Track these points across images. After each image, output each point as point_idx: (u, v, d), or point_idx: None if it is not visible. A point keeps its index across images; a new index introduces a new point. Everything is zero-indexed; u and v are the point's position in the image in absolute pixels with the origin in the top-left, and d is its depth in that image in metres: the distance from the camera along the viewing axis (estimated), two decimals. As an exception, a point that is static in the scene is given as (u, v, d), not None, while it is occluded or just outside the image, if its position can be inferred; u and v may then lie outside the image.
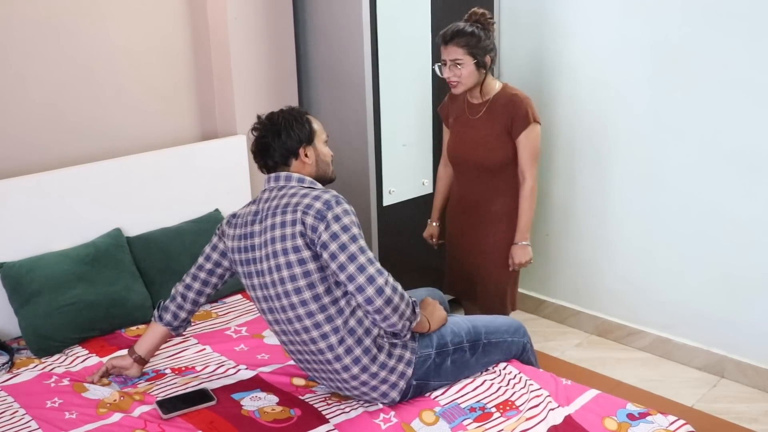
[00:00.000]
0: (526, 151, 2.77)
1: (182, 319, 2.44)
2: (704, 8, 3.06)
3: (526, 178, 2.79)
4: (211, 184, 3.22)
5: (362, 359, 2.14)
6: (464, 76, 2.72)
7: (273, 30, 3.33)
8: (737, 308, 3.23)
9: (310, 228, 2.07)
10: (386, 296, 2.05)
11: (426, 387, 2.26)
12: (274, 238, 2.12)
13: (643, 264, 3.50)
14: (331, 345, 2.14)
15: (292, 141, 2.21)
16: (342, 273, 2.05)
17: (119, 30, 3.02)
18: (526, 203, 2.81)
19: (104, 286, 2.71)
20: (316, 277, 2.10)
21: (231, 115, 3.30)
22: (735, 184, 3.13)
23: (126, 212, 2.95)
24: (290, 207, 2.12)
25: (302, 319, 2.13)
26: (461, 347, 2.31)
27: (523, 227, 2.83)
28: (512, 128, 2.75)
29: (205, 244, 2.94)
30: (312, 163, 2.26)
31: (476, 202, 2.89)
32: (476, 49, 2.69)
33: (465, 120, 2.86)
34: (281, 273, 2.11)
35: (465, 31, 2.69)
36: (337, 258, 2.05)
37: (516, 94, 2.79)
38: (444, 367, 2.27)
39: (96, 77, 2.99)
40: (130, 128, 3.11)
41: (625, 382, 3.26)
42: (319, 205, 2.08)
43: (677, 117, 3.23)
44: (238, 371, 2.44)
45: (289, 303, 2.13)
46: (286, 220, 2.11)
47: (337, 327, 2.13)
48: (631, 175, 3.45)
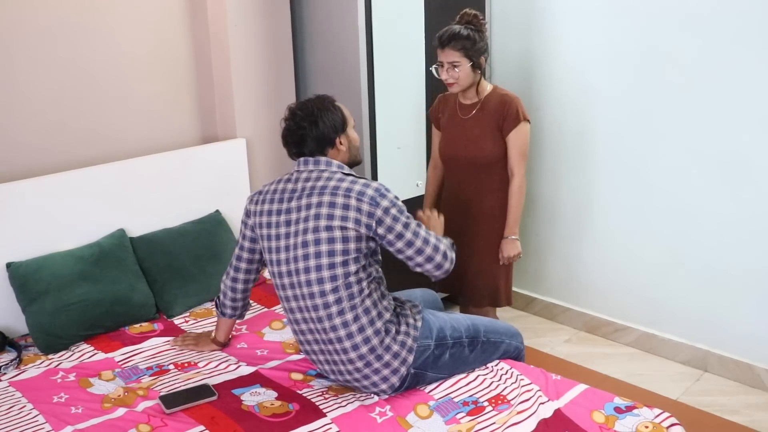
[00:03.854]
0: (516, 149, 2.82)
1: (241, 307, 2.57)
2: (688, 15, 3.08)
3: (515, 175, 2.84)
4: (211, 186, 3.22)
5: (372, 340, 2.19)
6: (461, 77, 2.78)
7: (272, 37, 3.34)
8: (720, 305, 3.25)
9: (367, 214, 2.15)
10: (449, 257, 2.29)
11: (423, 378, 2.29)
12: (319, 215, 2.16)
13: (630, 262, 3.51)
14: (346, 321, 2.18)
15: (328, 129, 2.25)
16: (410, 248, 2.21)
17: (123, 36, 3.02)
18: (514, 199, 2.85)
19: (109, 285, 2.72)
20: (352, 257, 2.17)
21: (231, 119, 3.31)
22: (717, 184, 3.15)
23: (129, 213, 2.96)
24: (341, 191, 2.17)
25: (326, 294, 2.17)
26: (460, 342, 2.35)
27: (512, 222, 2.87)
28: (503, 126, 2.81)
29: (207, 244, 3.02)
30: (346, 150, 2.31)
31: (468, 200, 2.92)
32: (472, 51, 2.75)
33: (457, 120, 2.90)
34: (319, 247, 2.16)
35: (461, 35, 2.74)
36: (404, 236, 2.19)
37: (506, 93, 2.84)
38: (442, 359, 2.31)
39: (100, 83, 2.99)
40: (133, 132, 3.12)
41: (612, 376, 3.28)
42: (372, 192, 2.17)
43: (662, 119, 3.25)
44: (238, 367, 2.45)
45: (317, 277, 2.17)
46: (336, 202, 2.16)
47: (355, 305, 2.18)
48: (618, 176, 3.46)
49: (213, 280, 2.98)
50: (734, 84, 3.03)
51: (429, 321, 2.33)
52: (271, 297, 3.03)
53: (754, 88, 2.99)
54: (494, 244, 2.92)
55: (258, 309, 2.95)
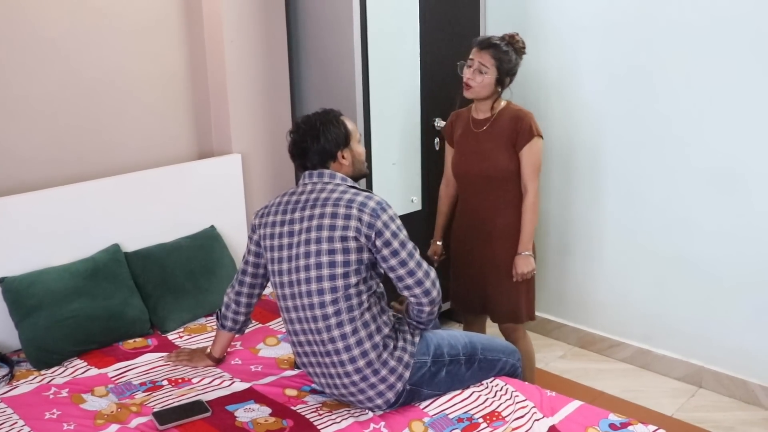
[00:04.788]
0: (529, 164, 2.79)
1: (242, 322, 2.56)
2: (678, 32, 3.12)
3: (528, 190, 2.80)
4: (207, 201, 3.21)
5: (370, 354, 2.19)
6: (483, 84, 2.76)
7: (267, 53, 3.34)
8: (714, 321, 3.25)
9: (367, 225, 2.16)
10: (437, 288, 2.26)
11: (418, 395, 2.29)
12: (321, 226, 2.18)
13: (624, 278, 3.52)
14: (345, 334, 2.18)
15: (329, 144, 2.27)
16: (402, 268, 2.20)
17: (119, 51, 3.02)
18: (528, 214, 2.82)
19: (103, 300, 2.70)
20: (352, 269, 2.18)
21: (227, 135, 3.31)
22: (711, 201, 3.16)
23: (124, 228, 2.94)
24: (343, 202, 2.19)
25: (325, 306, 2.18)
26: (457, 359, 2.34)
27: (526, 238, 2.82)
28: (516, 141, 2.78)
29: (201, 259, 3.01)
30: (349, 164, 2.33)
31: (483, 217, 2.88)
32: (504, 66, 2.74)
33: (470, 134, 2.88)
34: (320, 258, 2.17)
35: (501, 48, 2.74)
36: (399, 254, 2.19)
37: (520, 109, 2.83)
38: (439, 376, 2.30)
39: (96, 97, 2.99)
40: (128, 146, 3.11)
41: (607, 392, 3.28)
42: (373, 205, 2.19)
43: (656, 136, 3.27)
44: (232, 383, 2.44)
45: (317, 288, 2.18)
46: (338, 213, 2.18)
47: (354, 317, 2.18)
48: (612, 192, 3.48)
49: (207, 295, 2.99)
50: (727, 97, 3.05)
51: (427, 337, 2.33)
52: (265, 313, 3.03)
53: (747, 100, 3.01)
54: (511, 260, 2.87)
55: (253, 325, 2.94)
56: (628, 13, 3.28)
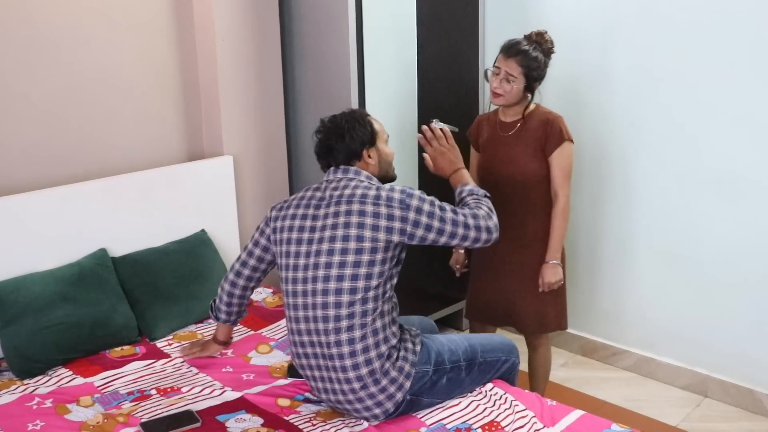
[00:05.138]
0: (559, 169, 2.74)
1: (236, 313, 2.59)
2: (680, 34, 3.11)
3: (559, 196, 2.76)
4: (197, 205, 3.20)
5: (374, 363, 2.17)
6: (511, 93, 2.71)
7: (260, 52, 3.34)
8: (719, 328, 3.25)
9: (400, 219, 2.16)
10: (484, 227, 2.25)
11: (418, 404, 2.26)
12: (349, 224, 2.16)
13: (627, 284, 3.52)
14: (353, 338, 2.16)
15: (354, 143, 2.28)
16: (454, 239, 2.23)
17: (107, 51, 3.02)
18: (557, 221, 2.77)
19: (89, 307, 2.68)
20: (376, 271, 2.17)
21: (218, 136, 3.30)
22: (715, 206, 3.16)
23: (112, 232, 2.93)
24: (369, 198, 2.18)
25: (341, 306, 2.16)
26: (458, 365, 2.32)
27: (554, 246, 2.78)
28: (546, 146, 2.73)
29: (191, 264, 3.00)
30: (375, 163, 2.33)
31: (509, 223, 2.78)
32: (533, 73, 2.69)
33: (497, 138, 2.83)
34: (345, 257, 2.16)
35: (530, 55, 2.68)
36: (444, 231, 2.20)
37: (549, 112, 2.78)
38: (439, 384, 2.28)
39: (84, 98, 2.98)
40: (116, 148, 3.10)
41: (610, 401, 3.27)
42: (399, 195, 2.19)
43: (656, 141, 3.27)
44: (223, 392, 2.41)
45: (336, 287, 2.16)
46: (366, 210, 2.16)
47: (365, 323, 2.17)
48: (612, 197, 3.47)
49: (197, 301, 2.96)
50: (726, 101, 3.05)
51: (428, 346, 2.31)
52: (258, 320, 3.00)
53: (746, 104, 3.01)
54: (539, 268, 2.82)
55: (245, 332, 2.91)
56: (629, 13, 3.27)
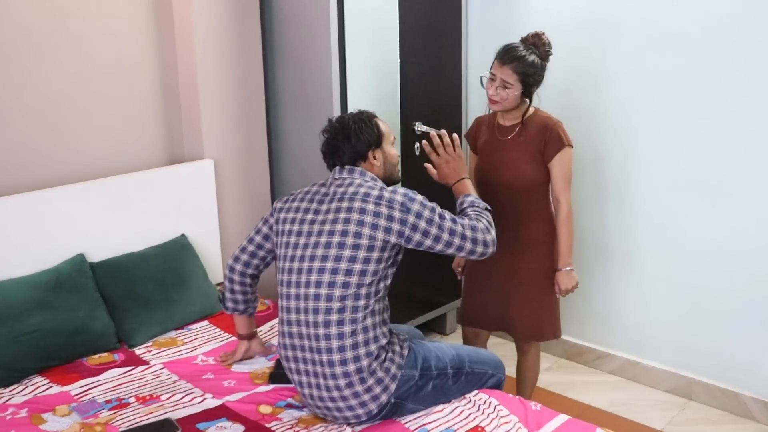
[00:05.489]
0: (560, 175, 2.71)
1: (243, 302, 2.58)
2: (666, 38, 3.12)
3: (561, 203, 2.72)
4: (177, 209, 3.18)
5: (362, 360, 2.17)
6: (508, 100, 2.67)
7: (241, 54, 3.33)
8: (704, 331, 3.25)
9: (399, 222, 2.20)
10: (481, 239, 2.29)
11: (402, 409, 2.26)
12: (349, 220, 2.20)
13: (611, 288, 3.52)
14: (343, 333, 2.17)
15: (361, 144, 2.33)
16: (450, 248, 2.27)
17: (85, 52, 2.99)
18: (564, 228, 2.73)
19: (66, 314, 2.65)
20: (371, 269, 2.19)
21: (198, 139, 3.29)
22: (700, 209, 3.17)
23: (90, 237, 2.90)
24: (371, 198, 2.22)
25: (332, 300, 2.18)
26: (444, 373, 2.32)
27: (565, 253, 2.74)
28: (545, 151, 2.70)
29: (171, 269, 3.00)
30: (380, 164, 2.38)
31: (506, 229, 2.75)
32: (529, 79, 2.65)
33: (495, 141, 2.80)
34: (342, 251, 2.19)
35: (526, 60, 2.63)
36: (441, 239, 2.24)
37: (549, 117, 2.74)
38: (424, 390, 2.28)
39: (60, 100, 2.95)
40: (95, 152, 3.08)
41: (594, 406, 3.27)
42: (401, 198, 2.23)
43: (643, 145, 3.27)
44: (203, 400, 2.39)
45: (329, 280, 2.18)
46: (367, 209, 2.20)
47: (356, 319, 2.18)
48: (597, 200, 3.47)
49: (178, 307, 2.94)
50: (714, 107, 3.06)
51: (415, 351, 2.31)
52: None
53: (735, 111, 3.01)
54: (535, 275, 2.79)
55: (225, 338, 2.89)
56: (612, 16, 3.27)
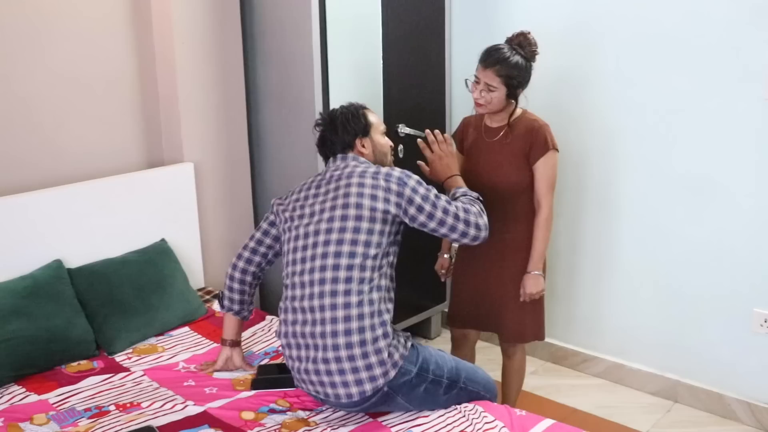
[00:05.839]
0: (544, 178, 2.70)
1: (239, 301, 2.62)
2: (649, 39, 3.14)
3: (542, 206, 2.72)
4: (157, 213, 3.16)
5: (366, 332, 2.21)
6: (493, 102, 2.66)
7: (221, 55, 3.32)
8: (689, 333, 3.27)
9: (396, 194, 2.29)
10: (473, 224, 2.37)
11: (392, 401, 2.26)
12: (348, 194, 2.30)
13: (597, 291, 3.53)
14: (349, 303, 2.22)
15: (348, 135, 2.44)
16: (443, 227, 2.34)
17: (62, 56, 2.96)
18: (540, 232, 2.73)
19: (43, 321, 2.61)
20: (374, 240, 2.27)
21: (178, 142, 3.26)
22: (684, 211, 3.19)
23: (68, 243, 2.87)
24: (368, 174, 2.32)
25: (339, 269, 2.23)
26: (439, 381, 2.34)
27: (537, 256, 2.74)
28: (530, 154, 2.69)
29: (151, 275, 2.97)
30: (369, 152, 2.47)
31: (492, 230, 2.73)
32: (513, 81, 2.63)
33: (481, 143, 2.79)
34: (345, 223, 2.27)
35: (509, 62, 2.62)
36: (434, 216, 2.32)
37: (536, 119, 2.74)
38: (417, 390, 2.29)
39: (37, 103, 2.92)
40: (72, 155, 3.04)
41: (580, 409, 3.28)
42: (398, 174, 2.33)
43: (627, 146, 3.29)
44: (185, 407, 2.37)
45: (335, 251, 2.25)
46: (365, 182, 2.30)
47: (363, 290, 2.23)
48: (583, 204, 3.48)
49: (158, 313, 2.91)
50: (698, 108, 3.08)
51: (418, 349, 2.35)
52: (219, 331, 2.88)
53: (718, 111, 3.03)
54: (520, 277, 2.78)
55: (207, 344, 2.87)
56: (596, 18, 3.29)
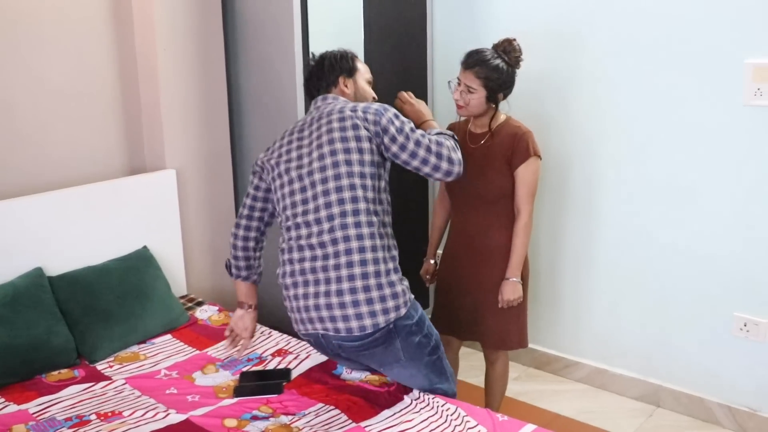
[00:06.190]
0: (524, 184, 2.72)
1: (257, 267, 2.66)
2: (629, 45, 3.16)
3: (522, 212, 2.73)
4: (139, 220, 3.15)
5: (380, 264, 2.28)
6: (472, 104, 2.69)
7: (204, 62, 3.32)
8: (671, 338, 3.29)
9: (373, 123, 2.33)
10: (446, 159, 2.36)
11: (390, 344, 2.32)
12: (331, 130, 2.33)
13: (579, 296, 3.55)
14: (361, 234, 2.28)
15: (333, 73, 2.49)
16: (415, 159, 2.35)
17: (44, 62, 2.96)
18: (519, 239, 2.74)
19: (24, 329, 2.60)
20: (367, 170, 2.31)
21: (160, 149, 3.26)
22: (665, 216, 3.20)
23: (48, 250, 2.85)
24: (347, 110, 2.36)
25: (344, 203, 2.28)
26: (429, 339, 2.42)
27: (515, 263, 2.75)
28: (512, 160, 2.70)
29: (133, 282, 2.96)
30: (351, 93, 2.51)
31: (474, 235, 2.81)
32: (493, 84, 2.66)
33: (466, 149, 2.80)
34: (336, 157, 2.29)
35: (490, 64, 2.65)
36: (406, 147, 2.34)
37: (519, 126, 2.76)
38: (412, 339, 2.36)
39: (16, 109, 2.91)
40: (53, 162, 3.04)
41: (563, 414, 3.29)
42: (377, 106, 2.37)
43: (610, 152, 3.30)
44: (167, 415, 2.36)
45: (336, 186, 2.29)
46: (345, 116, 2.34)
47: (372, 222, 2.30)
48: (565, 209, 3.49)
49: (140, 321, 2.91)
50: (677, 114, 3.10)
51: (416, 305, 2.42)
52: (203, 339, 2.96)
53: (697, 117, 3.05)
54: (501, 282, 2.80)
55: (189, 352, 2.86)
56: (577, 24, 3.31)
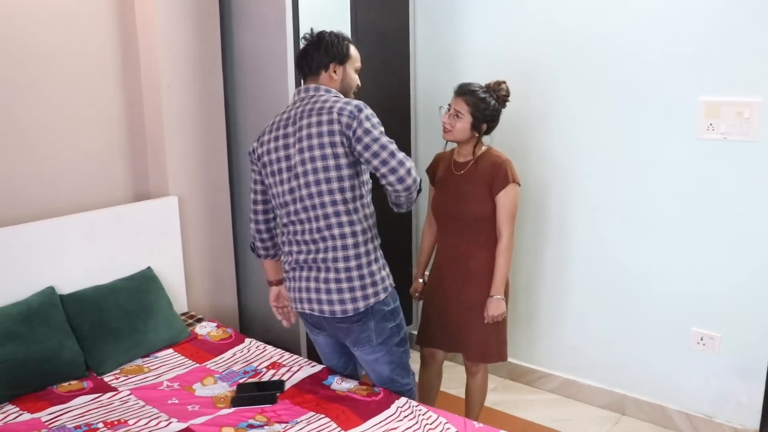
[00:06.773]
0: (504, 209, 2.81)
1: (272, 247, 2.72)
2: (595, 84, 3.20)
3: (503, 234, 2.81)
4: (143, 243, 3.17)
5: (362, 258, 2.39)
6: (457, 128, 2.80)
7: (204, 95, 3.35)
8: (634, 351, 3.34)
9: (345, 126, 2.32)
10: (413, 176, 2.35)
11: (365, 324, 2.45)
12: (311, 135, 2.34)
13: (552, 312, 3.59)
14: (353, 221, 2.38)
15: (327, 56, 2.45)
16: (375, 159, 2.32)
17: (53, 92, 2.98)
18: (501, 258, 2.82)
19: (36, 344, 2.65)
20: (345, 172, 2.35)
21: (163, 178, 3.28)
22: (627, 239, 3.25)
23: (60, 271, 2.89)
24: (325, 110, 2.35)
25: (333, 193, 2.35)
26: (399, 330, 2.55)
27: (498, 281, 2.84)
28: (492, 186, 2.80)
29: (138, 300, 2.98)
30: (338, 80, 2.49)
31: (458, 257, 2.90)
32: (478, 113, 2.78)
33: (450, 176, 2.92)
34: (315, 164, 2.34)
35: (477, 95, 2.79)
36: (370, 147, 2.32)
37: (499, 155, 2.86)
38: (385, 325, 2.49)
39: (32, 141, 2.93)
40: (63, 189, 3.05)
41: (537, 422, 3.33)
42: (351, 108, 2.34)
43: (581, 180, 3.35)
44: (169, 424, 2.39)
45: (317, 191, 2.36)
46: (322, 120, 2.34)
47: (353, 220, 2.39)
48: (536, 227, 3.52)
49: (144, 336, 2.96)
50: (636, 146, 3.15)
51: (395, 295, 2.54)
52: (202, 353, 3.00)
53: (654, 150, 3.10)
54: (484, 300, 2.89)
55: (190, 365, 2.91)
56: (546, 62, 3.33)
